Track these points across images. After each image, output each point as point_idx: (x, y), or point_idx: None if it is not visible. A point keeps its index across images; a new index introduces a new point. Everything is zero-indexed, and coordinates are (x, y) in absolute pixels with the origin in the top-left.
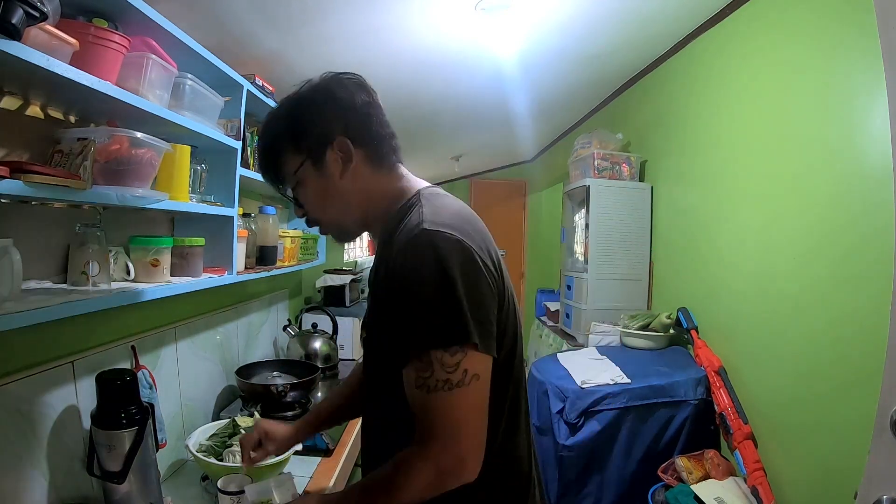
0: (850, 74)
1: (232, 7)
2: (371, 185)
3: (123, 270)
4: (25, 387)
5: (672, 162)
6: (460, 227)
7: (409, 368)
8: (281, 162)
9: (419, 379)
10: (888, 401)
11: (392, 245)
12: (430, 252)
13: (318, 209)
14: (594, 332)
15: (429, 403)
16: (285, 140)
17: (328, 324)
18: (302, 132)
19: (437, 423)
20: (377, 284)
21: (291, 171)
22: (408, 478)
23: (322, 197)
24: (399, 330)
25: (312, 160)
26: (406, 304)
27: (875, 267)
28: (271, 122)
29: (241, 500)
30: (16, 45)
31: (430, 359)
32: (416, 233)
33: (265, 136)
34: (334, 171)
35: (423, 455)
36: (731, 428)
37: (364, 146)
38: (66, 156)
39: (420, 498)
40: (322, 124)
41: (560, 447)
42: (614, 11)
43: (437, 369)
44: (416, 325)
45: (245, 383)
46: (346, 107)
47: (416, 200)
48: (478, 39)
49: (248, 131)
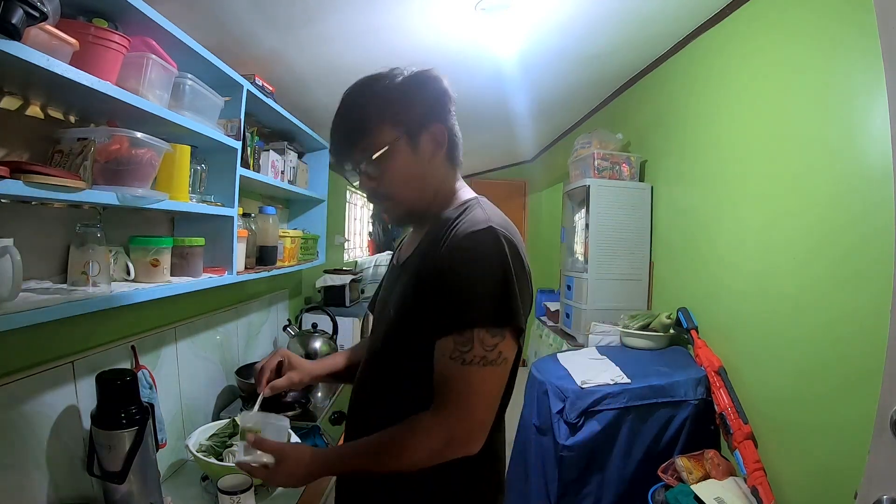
0: (850, 74)
1: (232, 7)
2: (443, 179)
3: (123, 270)
4: (25, 387)
5: (672, 162)
6: (514, 232)
7: (447, 340)
8: (373, 131)
9: (456, 351)
10: (888, 401)
11: (447, 237)
12: (493, 244)
13: (396, 186)
14: (594, 332)
15: (458, 374)
16: (386, 112)
17: (328, 324)
18: (405, 109)
19: (461, 393)
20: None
21: (383, 142)
22: (417, 439)
23: (406, 174)
24: (443, 304)
25: (409, 137)
26: (459, 283)
27: (875, 267)
28: (366, 93)
29: (241, 500)
30: (16, 45)
31: (472, 335)
32: (483, 227)
33: (357, 105)
34: (425, 153)
35: (437, 420)
36: (731, 428)
37: (451, 140)
38: (66, 156)
39: (422, 463)
40: (425, 108)
41: (560, 447)
42: (614, 11)
43: (477, 346)
44: (467, 303)
45: (245, 383)
46: (448, 99)
47: (476, 204)
48: (478, 39)
49: (248, 131)
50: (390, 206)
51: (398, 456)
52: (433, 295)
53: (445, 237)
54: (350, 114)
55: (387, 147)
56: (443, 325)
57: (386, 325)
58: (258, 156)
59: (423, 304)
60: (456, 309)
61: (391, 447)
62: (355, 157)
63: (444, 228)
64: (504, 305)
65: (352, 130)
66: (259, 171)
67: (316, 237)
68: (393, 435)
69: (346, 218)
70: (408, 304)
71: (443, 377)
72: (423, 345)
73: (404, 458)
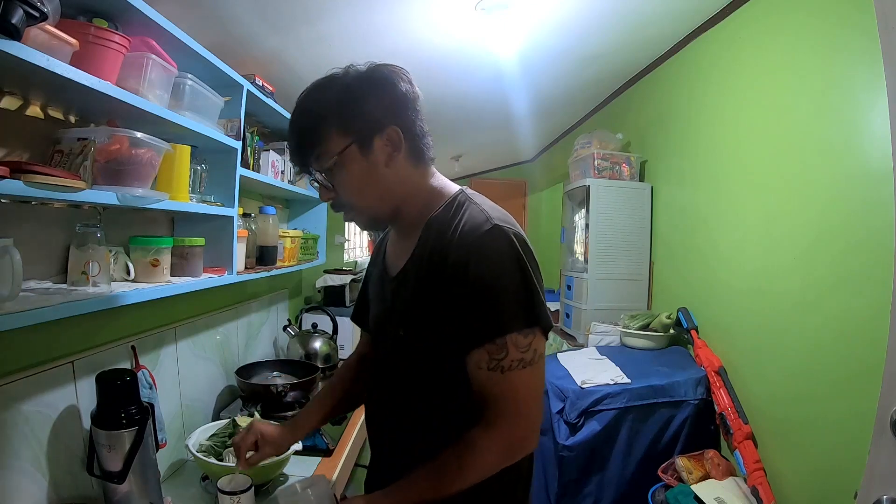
0: (850, 74)
1: (232, 7)
2: (409, 179)
3: (123, 270)
4: (25, 387)
5: (672, 162)
6: (513, 222)
7: (480, 352)
8: (322, 140)
9: (492, 361)
10: (888, 401)
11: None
12: (506, 245)
13: (353, 194)
14: (594, 332)
15: (500, 383)
16: (334, 119)
17: (328, 324)
18: (354, 115)
19: (508, 401)
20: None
21: (333, 151)
22: (478, 458)
23: (361, 182)
24: (468, 318)
25: (359, 144)
26: (483, 293)
27: (875, 266)
28: (317, 98)
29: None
30: (16, 45)
31: (506, 342)
32: (487, 228)
33: (307, 112)
34: (380, 158)
35: (492, 435)
36: (731, 428)
37: (410, 139)
38: (66, 156)
39: (488, 475)
40: (376, 110)
41: (560, 447)
42: (614, 11)
43: (512, 350)
44: (495, 312)
45: (245, 383)
46: (400, 97)
47: (465, 199)
48: (478, 39)
49: (248, 131)
50: (353, 214)
51: (462, 479)
52: (452, 309)
53: (447, 243)
54: (300, 121)
55: (336, 157)
56: (472, 338)
57: (395, 344)
58: (258, 156)
59: (438, 318)
60: (485, 321)
61: (453, 474)
62: (309, 167)
63: (440, 233)
64: (530, 305)
65: (302, 140)
66: (259, 171)
67: (316, 237)
68: (450, 461)
69: None
70: (419, 320)
71: (485, 390)
72: (445, 357)
73: (468, 480)
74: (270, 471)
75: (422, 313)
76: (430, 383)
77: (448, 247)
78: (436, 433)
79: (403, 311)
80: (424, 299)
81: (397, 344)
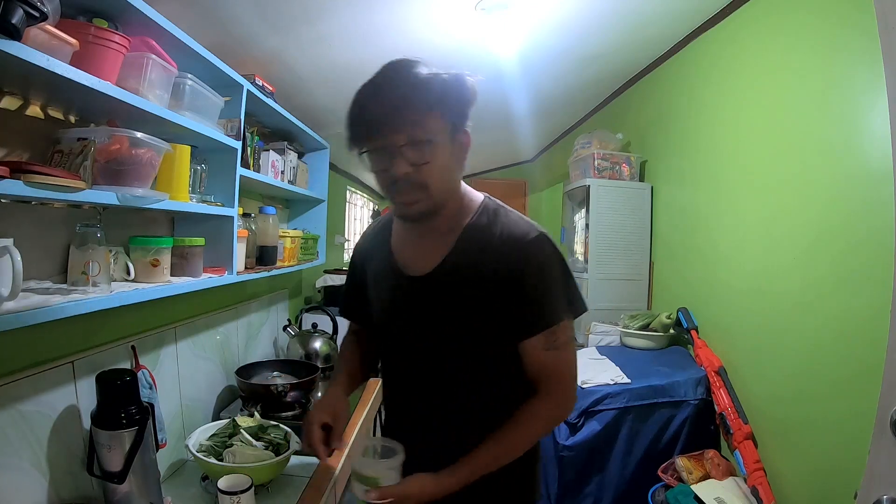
0: (850, 74)
1: (232, 7)
2: (459, 180)
3: (123, 270)
4: (25, 387)
5: (672, 162)
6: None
7: (538, 337)
8: (423, 115)
9: (548, 343)
10: (888, 401)
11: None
12: (551, 250)
13: (433, 176)
14: (594, 332)
15: (554, 360)
16: (437, 100)
17: (328, 324)
18: (453, 106)
19: (561, 374)
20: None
21: (430, 128)
22: (539, 425)
23: (442, 167)
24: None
25: (451, 134)
26: (541, 290)
27: (875, 266)
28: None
29: (241, 500)
30: (16, 45)
31: (557, 327)
32: (534, 236)
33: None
34: (458, 153)
35: (550, 403)
36: (731, 428)
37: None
38: (66, 156)
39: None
40: (466, 111)
41: (560, 447)
42: (614, 11)
43: (560, 332)
44: (551, 305)
45: (245, 383)
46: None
47: (495, 206)
48: (478, 39)
49: (248, 131)
50: (421, 196)
51: (527, 444)
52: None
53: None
54: (406, 88)
55: (430, 135)
56: (530, 328)
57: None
58: (258, 156)
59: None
60: (542, 313)
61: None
62: (400, 135)
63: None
64: (574, 298)
65: (406, 105)
66: (259, 171)
67: (316, 237)
68: (515, 431)
69: (346, 218)
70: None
71: (542, 366)
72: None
73: (530, 444)
74: (271, 471)
75: (464, 315)
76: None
77: (497, 254)
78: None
79: (441, 313)
80: (467, 302)
81: (432, 344)
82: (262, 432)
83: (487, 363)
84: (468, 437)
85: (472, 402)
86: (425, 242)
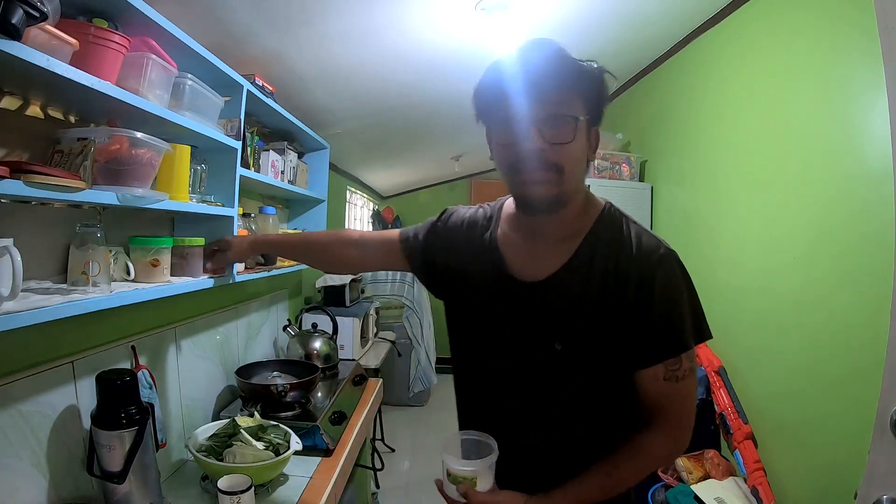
0: (850, 74)
1: (232, 7)
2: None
3: (123, 270)
4: (25, 387)
5: (672, 162)
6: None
7: (658, 366)
8: (572, 94)
9: (668, 372)
10: (888, 401)
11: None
12: (680, 271)
13: (570, 160)
14: None
15: (674, 392)
16: (585, 87)
17: (328, 324)
18: (600, 98)
19: (680, 408)
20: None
21: (576, 109)
22: (649, 461)
23: (579, 154)
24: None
25: (590, 123)
26: (669, 314)
27: (875, 265)
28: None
29: (241, 500)
30: (16, 45)
31: (684, 354)
32: (663, 252)
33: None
34: (592, 146)
35: (664, 439)
36: (731, 428)
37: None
38: (66, 156)
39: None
40: (605, 107)
41: None
42: (614, 11)
43: (684, 362)
44: (679, 331)
45: (245, 383)
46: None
47: (621, 214)
48: (478, 39)
49: (248, 131)
50: (553, 177)
51: (633, 480)
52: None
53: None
54: (554, 64)
55: (578, 115)
56: (653, 355)
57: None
58: (258, 156)
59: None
60: (667, 340)
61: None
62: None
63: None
64: (700, 323)
65: (553, 77)
66: (259, 171)
67: None
68: (624, 463)
69: (346, 218)
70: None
71: (661, 396)
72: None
73: (636, 481)
74: (271, 471)
75: (586, 327)
76: (583, 394)
77: (624, 268)
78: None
79: (560, 322)
80: (591, 313)
81: (549, 356)
82: (262, 432)
83: (595, 382)
84: (562, 459)
85: (573, 423)
86: (541, 245)
